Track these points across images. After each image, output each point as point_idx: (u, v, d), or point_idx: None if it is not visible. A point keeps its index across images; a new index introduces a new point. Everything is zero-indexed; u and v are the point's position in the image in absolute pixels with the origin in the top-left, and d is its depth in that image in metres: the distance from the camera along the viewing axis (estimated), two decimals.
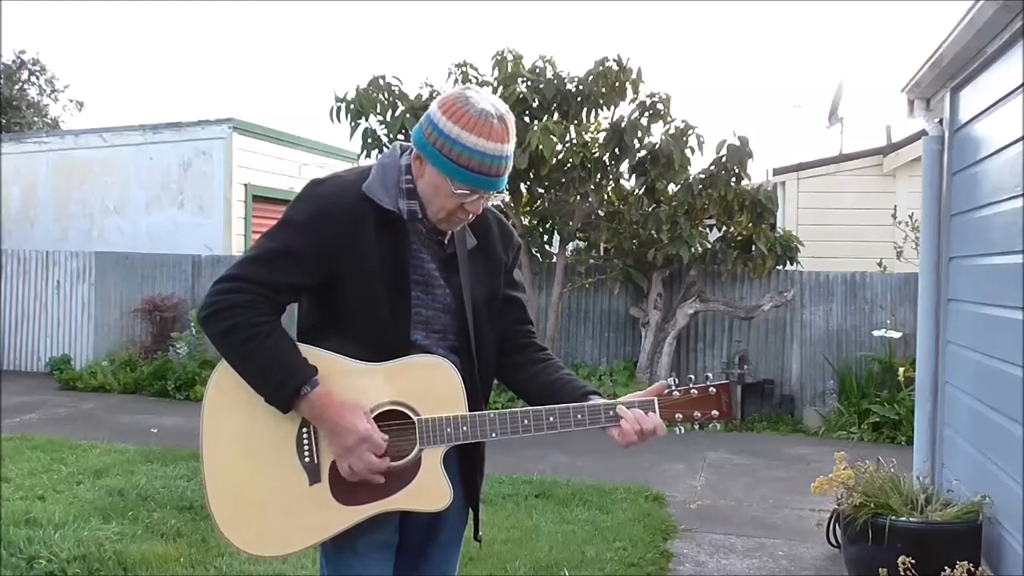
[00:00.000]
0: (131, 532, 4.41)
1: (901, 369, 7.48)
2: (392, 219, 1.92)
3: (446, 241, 2.00)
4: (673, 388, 1.95)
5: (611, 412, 1.92)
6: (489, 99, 1.88)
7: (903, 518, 3.76)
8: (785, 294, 8.40)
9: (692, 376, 1.99)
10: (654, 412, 1.93)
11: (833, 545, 4.42)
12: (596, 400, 1.96)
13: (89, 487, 5.25)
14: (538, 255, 8.86)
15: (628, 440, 1.91)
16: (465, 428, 1.90)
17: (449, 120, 1.83)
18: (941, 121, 4.90)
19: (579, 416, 1.92)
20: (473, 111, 1.83)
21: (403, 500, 1.91)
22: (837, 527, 4.28)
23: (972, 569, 3.28)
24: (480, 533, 2.17)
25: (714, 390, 1.95)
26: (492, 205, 2.07)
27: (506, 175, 1.89)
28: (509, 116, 1.88)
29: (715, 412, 1.95)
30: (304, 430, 1.90)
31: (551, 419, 1.91)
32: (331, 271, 1.89)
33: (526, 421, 1.91)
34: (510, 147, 1.87)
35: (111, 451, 6.26)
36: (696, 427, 1.96)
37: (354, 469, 1.86)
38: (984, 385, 4.04)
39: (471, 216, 1.94)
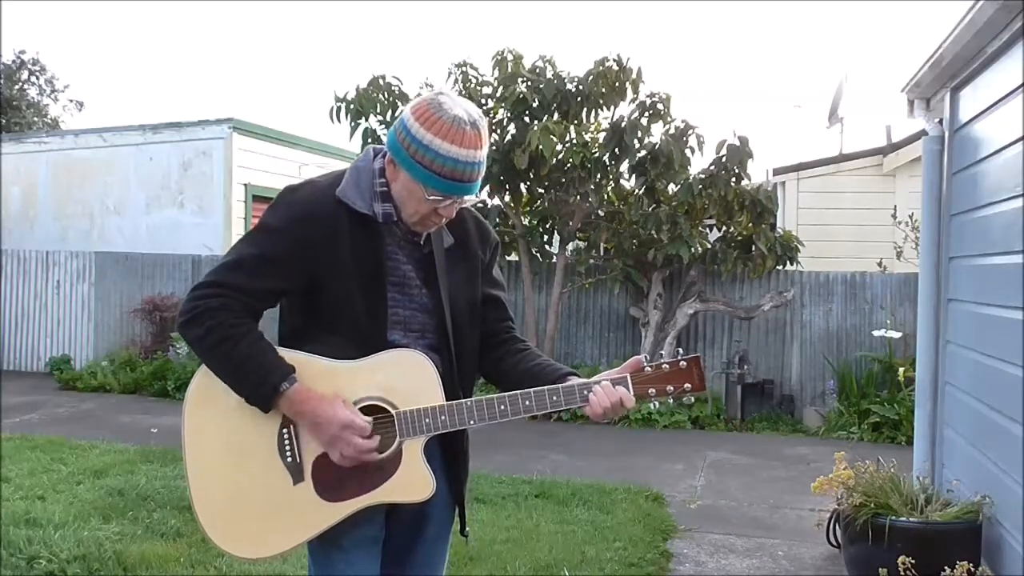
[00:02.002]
0: (131, 532, 4.41)
1: (901, 369, 7.48)
2: (367, 222, 1.93)
3: (422, 241, 2.02)
4: (646, 364, 1.97)
5: (585, 392, 1.93)
6: (462, 104, 1.88)
7: (903, 518, 3.76)
8: (785, 294, 8.40)
9: (663, 353, 2.00)
10: (624, 386, 1.94)
11: (833, 545, 4.42)
12: (572, 380, 1.97)
13: (89, 487, 5.25)
14: (538, 255, 8.85)
15: (596, 413, 1.92)
16: (443, 417, 1.92)
17: (422, 126, 1.84)
18: (941, 121, 4.90)
19: (554, 398, 1.93)
20: (446, 117, 1.84)
21: (387, 493, 1.92)
22: (837, 527, 4.28)
23: (972, 569, 3.28)
24: (467, 528, 2.18)
25: (685, 364, 1.96)
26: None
27: (479, 179, 1.91)
28: (482, 121, 1.89)
29: (687, 385, 1.95)
30: (284, 431, 1.92)
31: (527, 402, 1.93)
32: (308, 276, 1.91)
33: (503, 406, 1.93)
34: (483, 152, 1.89)
35: (111, 451, 6.26)
36: (671, 400, 1.99)
37: (345, 455, 1.87)
38: (984, 385, 4.04)
39: (445, 220, 1.95)
